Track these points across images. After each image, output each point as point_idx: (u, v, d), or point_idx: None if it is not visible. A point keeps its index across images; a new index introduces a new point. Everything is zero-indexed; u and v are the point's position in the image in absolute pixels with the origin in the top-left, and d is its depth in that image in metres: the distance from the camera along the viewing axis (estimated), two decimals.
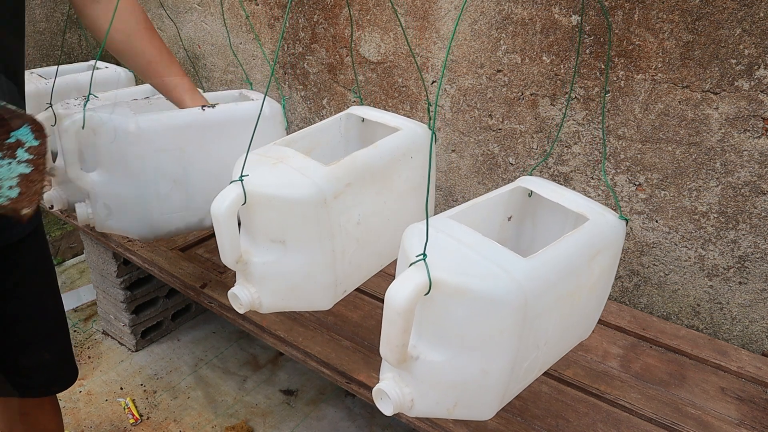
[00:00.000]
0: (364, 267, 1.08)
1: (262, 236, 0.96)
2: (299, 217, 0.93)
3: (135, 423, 1.64)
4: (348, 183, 0.96)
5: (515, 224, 1.06)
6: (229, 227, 0.90)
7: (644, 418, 1.07)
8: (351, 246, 1.01)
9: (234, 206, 0.90)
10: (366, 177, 1.00)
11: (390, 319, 0.71)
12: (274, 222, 0.94)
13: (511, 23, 1.41)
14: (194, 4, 2.15)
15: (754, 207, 1.21)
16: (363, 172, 0.99)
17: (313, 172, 0.94)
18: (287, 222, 0.94)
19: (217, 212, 0.89)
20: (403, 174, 1.07)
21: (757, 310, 1.28)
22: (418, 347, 0.78)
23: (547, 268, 0.78)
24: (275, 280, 0.99)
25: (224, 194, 0.90)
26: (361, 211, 1.00)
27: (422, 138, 1.09)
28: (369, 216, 1.02)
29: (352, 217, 0.99)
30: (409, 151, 1.07)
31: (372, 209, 1.03)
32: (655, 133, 1.28)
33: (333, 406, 1.71)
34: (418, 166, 1.09)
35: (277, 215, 0.93)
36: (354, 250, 1.02)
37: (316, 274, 0.98)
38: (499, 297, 0.72)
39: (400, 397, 0.80)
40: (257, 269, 0.97)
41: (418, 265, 0.71)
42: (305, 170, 0.94)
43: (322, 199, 0.92)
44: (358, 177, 0.98)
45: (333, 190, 0.94)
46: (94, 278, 1.87)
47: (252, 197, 0.91)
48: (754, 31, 1.11)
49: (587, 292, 0.89)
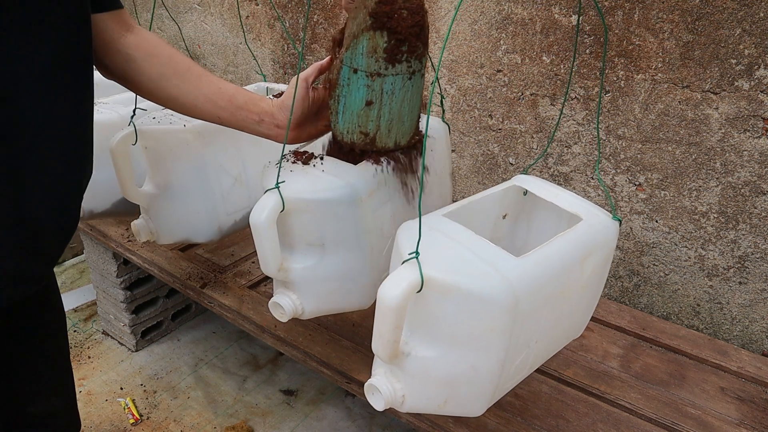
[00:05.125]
0: None
1: (299, 241, 0.96)
2: (337, 218, 0.92)
3: (135, 423, 1.64)
4: (380, 180, 0.96)
5: (510, 222, 1.06)
6: (270, 236, 0.89)
7: (644, 418, 1.06)
8: (385, 242, 1.01)
9: (273, 214, 0.88)
10: None
11: (382, 316, 0.71)
12: (312, 225, 0.93)
13: (511, 23, 1.41)
14: (194, 4, 2.15)
15: (754, 207, 1.21)
16: None
17: (348, 174, 0.93)
18: (325, 224, 0.93)
19: (257, 222, 0.88)
20: (431, 164, 1.07)
21: (757, 310, 1.28)
22: (409, 343, 0.79)
23: (538, 267, 0.78)
24: (315, 285, 0.98)
25: (262, 203, 0.88)
26: (392, 208, 1.00)
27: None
28: (401, 214, 1.02)
29: (385, 213, 0.98)
30: None
31: (403, 204, 1.03)
32: (655, 133, 1.28)
33: (333, 406, 1.71)
34: None
35: (314, 218, 0.92)
36: (388, 247, 1.01)
37: (354, 273, 0.98)
38: (490, 296, 0.72)
39: (391, 392, 0.80)
40: (297, 275, 0.97)
41: (411, 262, 0.71)
42: (340, 172, 0.93)
43: (358, 198, 0.92)
44: (389, 174, 0.97)
45: (367, 189, 0.93)
46: (94, 278, 1.87)
47: (290, 203, 0.90)
48: (754, 31, 1.11)
49: (579, 292, 0.89)
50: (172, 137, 1.20)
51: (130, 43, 0.90)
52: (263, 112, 0.94)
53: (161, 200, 1.26)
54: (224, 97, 0.93)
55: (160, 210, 1.28)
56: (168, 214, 1.28)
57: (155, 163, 1.24)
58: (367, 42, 0.82)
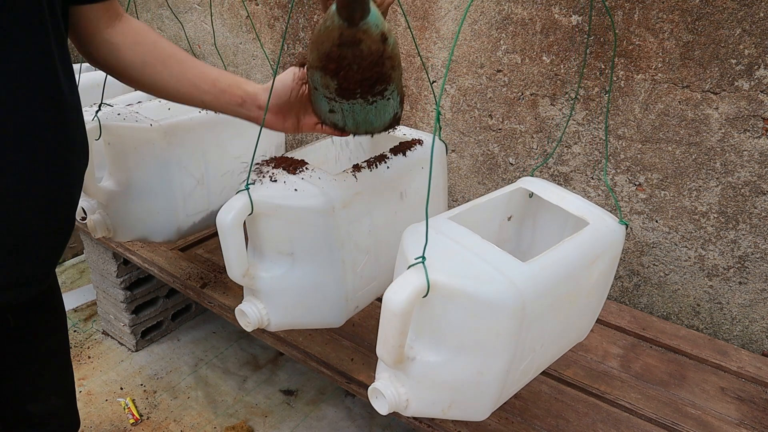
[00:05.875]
0: (376, 281, 1.04)
1: (269, 248, 0.93)
2: (307, 227, 0.90)
3: (135, 423, 1.64)
4: (357, 192, 0.93)
5: (516, 225, 1.06)
6: (235, 238, 0.86)
7: (644, 418, 1.07)
8: (361, 258, 0.97)
9: (240, 216, 0.85)
10: (377, 186, 0.96)
11: (387, 321, 0.71)
12: (282, 232, 0.91)
13: (511, 23, 1.41)
14: (194, 4, 2.15)
15: (754, 207, 1.21)
16: (373, 182, 0.96)
17: (323, 182, 0.91)
18: (295, 232, 0.90)
19: (223, 223, 0.85)
20: (413, 184, 1.04)
21: (757, 310, 1.28)
22: (414, 348, 0.78)
23: (545, 272, 0.78)
24: (284, 295, 0.95)
25: (230, 204, 0.85)
26: (370, 223, 0.97)
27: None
28: (380, 227, 0.98)
29: (362, 227, 0.95)
30: None
31: (383, 220, 0.99)
32: (655, 133, 1.28)
33: (333, 406, 1.71)
34: None
35: (284, 225, 0.90)
36: (365, 262, 0.98)
37: (325, 287, 0.95)
38: (496, 301, 0.72)
39: (395, 396, 0.80)
40: (264, 283, 0.94)
41: (417, 267, 0.71)
42: (314, 180, 0.91)
43: (330, 208, 0.89)
44: (368, 186, 0.95)
45: (342, 199, 0.90)
46: (94, 278, 1.87)
47: (259, 207, 0.87)
48: (754, 31, 1.11)
49: (585, 296, 0.89)
50: (137, 135, 1.17)
51: (116, 33, 0.90)
52: (246, 95, 0.92)
53: (121, 197, 1.23)
54: (207, 81, 0.92)
55: (119, 207, 1.25)
56: (127, 211, 1.25)
57: (117, 159, 1.21)
58: (320, 78, 0.78)
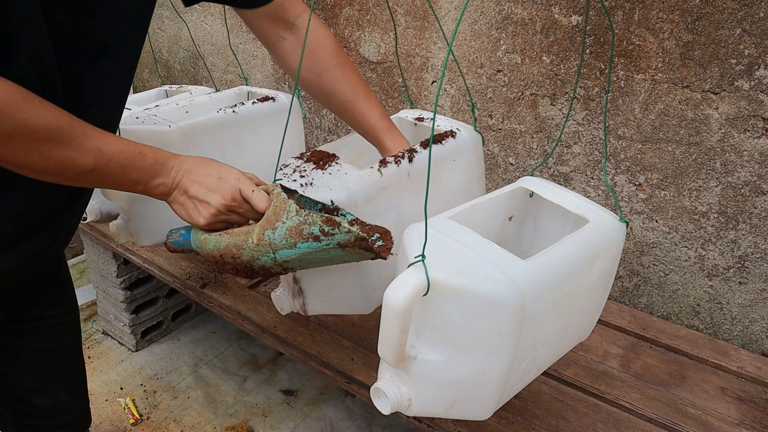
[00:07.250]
0: None
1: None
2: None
3: (135, 423, 1.64)
4: (382, 187, 0.93)
5: (516, 224, 1.06)
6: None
7: (644, 418, 1.07)
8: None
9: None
10: (403, 181, 0.97)
11: (388, 320, 0.71)
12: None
13: (511, 23, 1.41)
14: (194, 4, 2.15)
15: (754, 207, 1.21)
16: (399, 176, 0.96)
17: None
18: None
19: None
20: (444, 177, 1.05)
21: (757, 310, 1.28)
22: (416, 347, 0.78)
23: (545, 270, 0.78)
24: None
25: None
26: (397, 216, 0.96)
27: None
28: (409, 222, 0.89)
29: (389, 220, 0.93)
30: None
31: (411, 219, 0.90)
32: (655, 133, 1.28)
33: (333, 406, 1.71)
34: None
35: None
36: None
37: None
38: (497, 299, 0.72)
39: (397, 396, 0.80)
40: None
41: (417, 266, 0.71)
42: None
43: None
44: (395, 181, 0.94)
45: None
46: (94, 278, 1.87)
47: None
48: (754, 31, 1.11)
49: (586, 294, 0.88)
50: (156, 137, 1.17)
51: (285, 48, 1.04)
52: None
53: (142, 202, 1.20)
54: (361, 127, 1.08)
55: (141, 211, 1.23)
56: (149, 215, 1.23)
57: None
58: None
